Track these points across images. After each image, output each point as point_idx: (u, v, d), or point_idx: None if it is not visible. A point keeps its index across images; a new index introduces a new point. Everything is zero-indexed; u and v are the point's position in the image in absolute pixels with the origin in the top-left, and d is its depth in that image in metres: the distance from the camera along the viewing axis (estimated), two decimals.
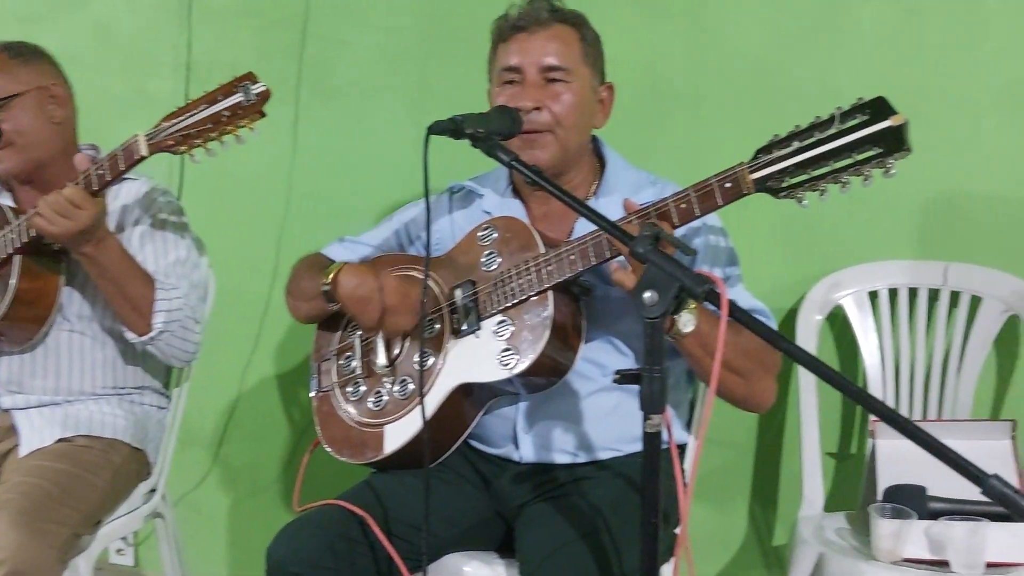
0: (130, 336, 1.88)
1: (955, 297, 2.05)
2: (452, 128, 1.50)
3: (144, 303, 1.83)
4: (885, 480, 1.83)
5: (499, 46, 1.73)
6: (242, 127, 1.67)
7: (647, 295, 1.22)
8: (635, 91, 2.17)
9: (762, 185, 1.41)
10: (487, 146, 1.49)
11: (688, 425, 1.85)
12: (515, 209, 1.77)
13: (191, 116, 1.68)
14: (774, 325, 1.68)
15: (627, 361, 1.69)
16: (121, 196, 1.96)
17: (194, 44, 2.43)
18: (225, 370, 2.49)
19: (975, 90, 2.05)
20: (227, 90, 1.67)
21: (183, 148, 1.69)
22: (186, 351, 1.91)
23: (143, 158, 1.73)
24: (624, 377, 1.26)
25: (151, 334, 1.84)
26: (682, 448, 1.79)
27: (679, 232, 1.52)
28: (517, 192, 1.80)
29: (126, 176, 1.88)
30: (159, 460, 2.06)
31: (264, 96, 1.66)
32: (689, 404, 1.86)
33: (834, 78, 2.09)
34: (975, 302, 2.03)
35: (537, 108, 1.65)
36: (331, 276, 1.70)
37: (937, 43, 2.05)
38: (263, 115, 1.67)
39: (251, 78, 1.66)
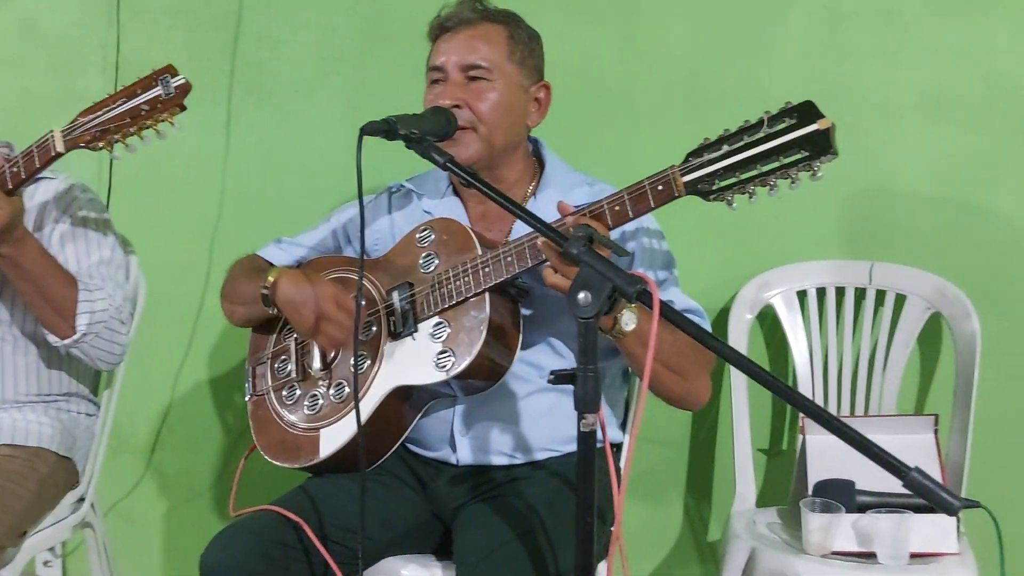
0: (53, 339, 1.82)
1: (880, 296, 2.11)
2: (386, 129, 1.49)
3: (67, 305, 1.78)
4: (815, 475, 1.88)
5: (432, 46, 1.74)
6: (162, 121, 1.64)
7: (581, 296, 1.23)
8: (569, 94, 2.18)
9: (693, 188, 1.43)
10: (421, 147, 1.49)
11: (623, 425, 1.87)
12: (455, 208, 1.77)
13: (109, 111, 1.64)
14: (708, 325, 1.71)
15: (564, 362, 1.70)
16: (39, 194, 1.90)
17: (123, 42, 2.37)
18: (157, 375, 2.44)
19: (896, 94, 2.12)
20: (146, 83, 1.64)
21: (101, 144, 1.65)
22: (112, 353, 1.86)
23: (59, 154, 1.68)
24: (559, 377, 1.27)
25: (74, 337, 1.79)
26: (617, 447, 1.80)
27: (615, 234, 1.54)
28: (456, 191, 1.80)
29: (45, 174, 1.84)
30: (88, 468, 2.00)
31: (184, 89, 1.63)
32: (624, 404, 1.88)
33: (762, 82, 2.14)
34: (899, 300, 2.09)
35: (457, 106, 1.65)
36: (271, 280, 1.69)
37: (860, 49, 2.12)
38: (183, 108, 1.64)
39: (171, 71, 1.63)
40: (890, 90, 2.12)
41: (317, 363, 1.71)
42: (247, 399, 1.83)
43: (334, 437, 1.67)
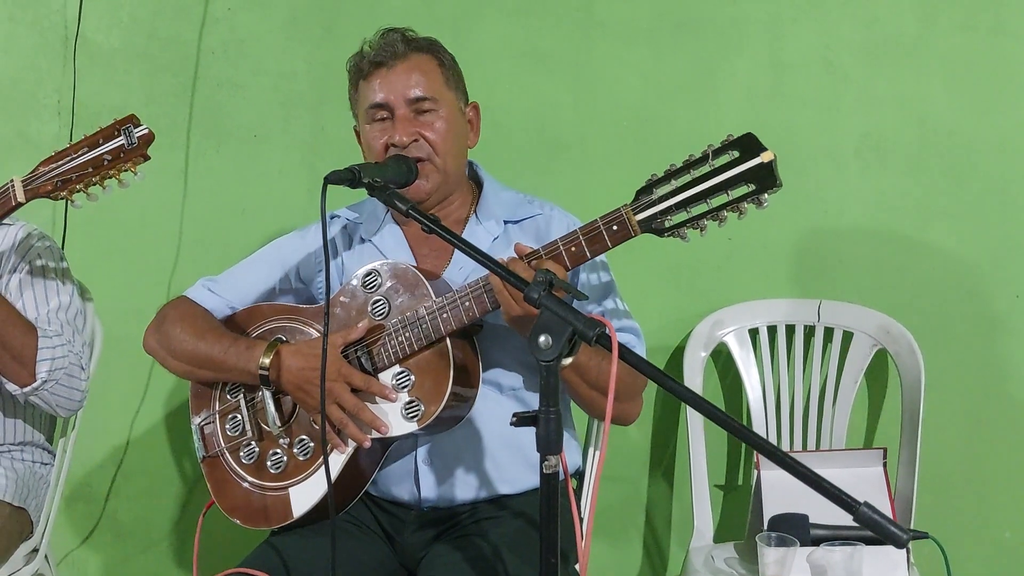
0: (12, 388, 1.79)
1: (828, 333, 2.17)
2: (350, 178, 1.51)
3: (26, 352, 1.76)
4: (770, 510, 1.91)
5: (360, 84, 1.74)
6: (125, 171, 1.64)
7: (542, 339, 1.26)
8: (525, 139, 2.25)
9: (648, 226, 1.47)
10: (384, 195, 1.51)
11: (584, 448, 1.87)
12: (396, 237, 1.77)
13: (71, 160, 1.63)
14: (642, 345, 1.72)
15: (519, 378, 1.70)
16: None
17: (79, 87, 2.37)
18: (113, 422, 2.41)
19: (837, 139, 2.21)
20: (108, 133, 1.64)
21: (63, 194, 1.64)
22: (72, 399, 1.84)
23: (20, 204, 1.67)
24: (521, 420, 1.29)
25: (35, 384, 1.77)
26: (578, 474, 1.81)
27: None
28: (395, 217, 1.79)
29: (1, 222, 1.83)
30: (42, 518, 1.96)
31: (147, 139, 1.63)
32: (572, 420, 1.86)
33: (710, 128, 2.21)
34: (847, 337, 2.16)
35: (414, 140, 1.67)
36: (270, 359, 1.63)
37: (803, 97, 2.21)
38: (147, 158, 1.65)
39: (133, 120, 1.64)
40: (831, 136, 2.20)
41: (276, 420, 1.69)
42: (200, 460, 1.79)
43: (305, 495, 1.65)
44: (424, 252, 1.75)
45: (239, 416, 1.74)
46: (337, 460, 1.62)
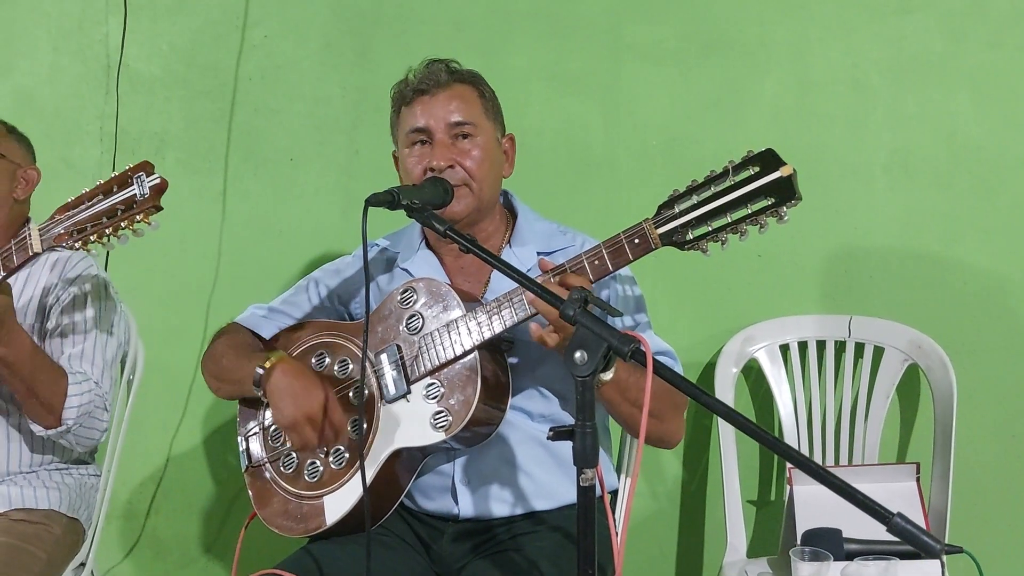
0: (36, 429, 1.84)
1: (859, 348, 2.18)
2: (389, 200, 1.55)
3: (55, 400, 1.80)
4: (803, 525, 1.91)
5: (402, 109, 1.79)
6: (139, 222, 1.58)
7: (577, 355, 1.29)
8: (556, 159, 2.29)
9: (668, 239, 1.50)
10: (422, 216, 1.55)
11: (617, 469, 1.89)
12: (430, 262, 1.81)
13: (86, 209, 1.61)
14: (679, 366, 1.75)
15: (551, 405, 1.74)
16: (42, 276, 1.93)
17: (121, 113, 2.43)
18: (153, 440, 2.45)
19: (866, 156, 2.22)
20: (122, 179, 1.59)
21: (78, 244, 1.61)
22: (91, 439, 1.89)
23: (37, 254, 1.67)
24: (557, 434, 1.31)
25: (60, 429, 1.82)
26: (613, 492, 1.83)
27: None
28: (429, 245, 1.84)
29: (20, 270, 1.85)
30: (89, 533, 2.00)
31: (158, 189, 1.56)
32: (610, 444, 1.89)
33: (738, 147, 2.19)
34: (878, 352, 2.16)
35: (450, 166, 1.71)
36: (269, 365, 1.69)
37: (830, 115, 2.23)
38: (159, 209, 1.59)
39: (147, 168, 1.57)
40: (860, 153, 2.22)
41: None
42: (244, 471, 1.84)
43: (338, 503, 1.69)
44: (459, 279, 1.79)
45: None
46: (368, 469, 1.65)
